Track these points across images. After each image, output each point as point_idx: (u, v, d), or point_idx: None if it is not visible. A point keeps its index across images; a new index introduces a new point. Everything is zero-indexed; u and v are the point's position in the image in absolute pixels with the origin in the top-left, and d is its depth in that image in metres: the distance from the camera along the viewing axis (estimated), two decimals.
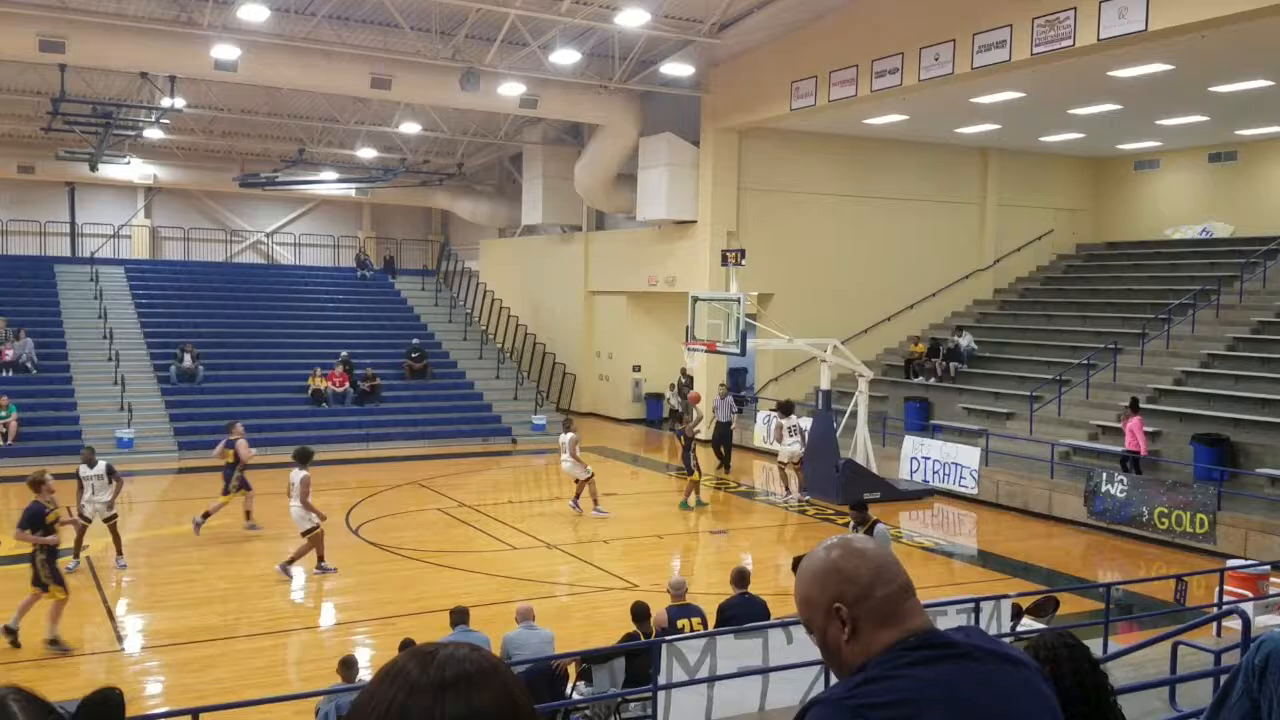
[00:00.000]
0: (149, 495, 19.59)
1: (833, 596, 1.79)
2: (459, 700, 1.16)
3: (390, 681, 1.19)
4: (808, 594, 1.84)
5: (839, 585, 1.80)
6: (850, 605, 1.78)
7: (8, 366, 22.83)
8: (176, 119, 25.51)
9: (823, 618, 1.81)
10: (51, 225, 32.89)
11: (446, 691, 1.16)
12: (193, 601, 12.02)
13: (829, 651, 1.83)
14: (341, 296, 30.89)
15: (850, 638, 1.78)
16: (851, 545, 1.87)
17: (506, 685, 1.20)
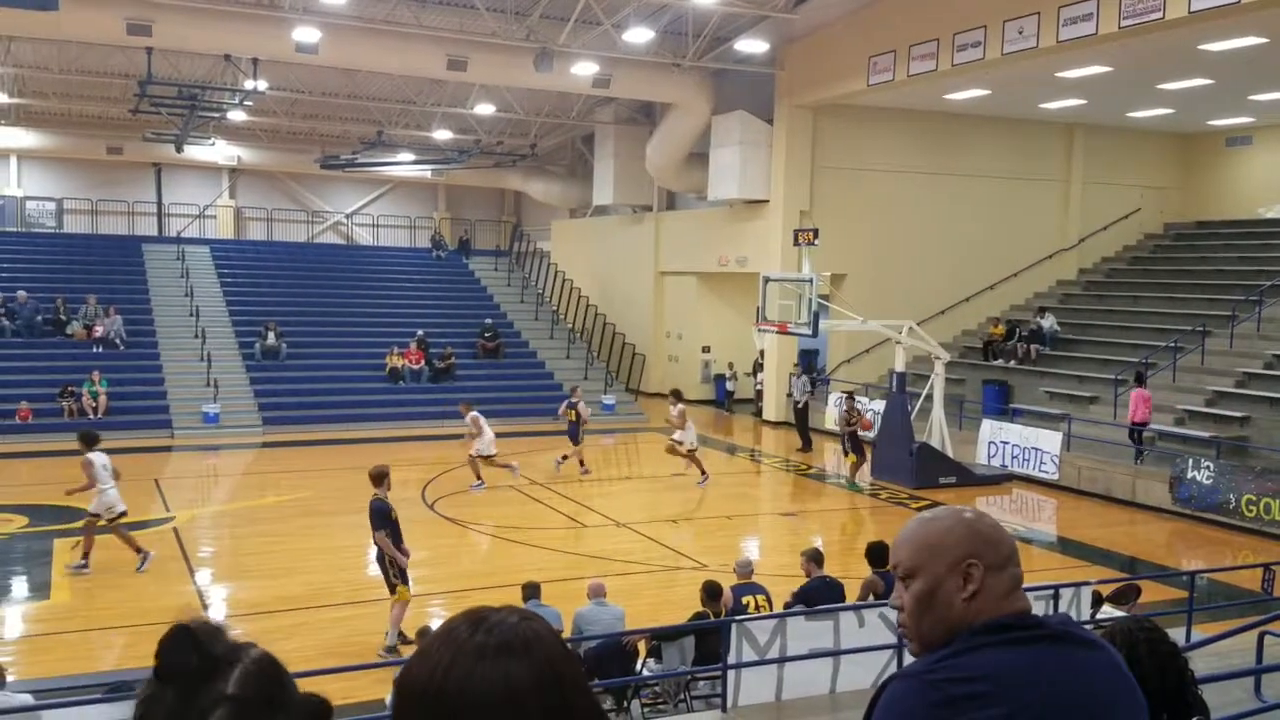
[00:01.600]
0: (234, 469, 20.20)
1: (968, 553, 1.74)
2: (497, 668, 1.16)
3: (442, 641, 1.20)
4: (935, 542, 1.77)
5: (979, 545, 1.76)
6: (988, 568, 1.74)
7: (98, 343, 23.68)
8: (259, 101, 26.07)
9: (945, 569, 1.75)
10: (139, 205, 33.94)
11: (486, 658, 1.16)
12: (275, 571, 12.38)
13: (934, 605, 1.75)
14: (418, 277, 31.36)
15: (970, 598, 1.73)
16: (988, 517, 1.85)
17: (549, 657, 1.18)
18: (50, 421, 20.63)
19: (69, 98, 27.64)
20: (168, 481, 17.61)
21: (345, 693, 8.06)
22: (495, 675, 1.15)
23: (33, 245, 29.22)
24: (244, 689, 1.17)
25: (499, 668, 1.16)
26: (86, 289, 25.09)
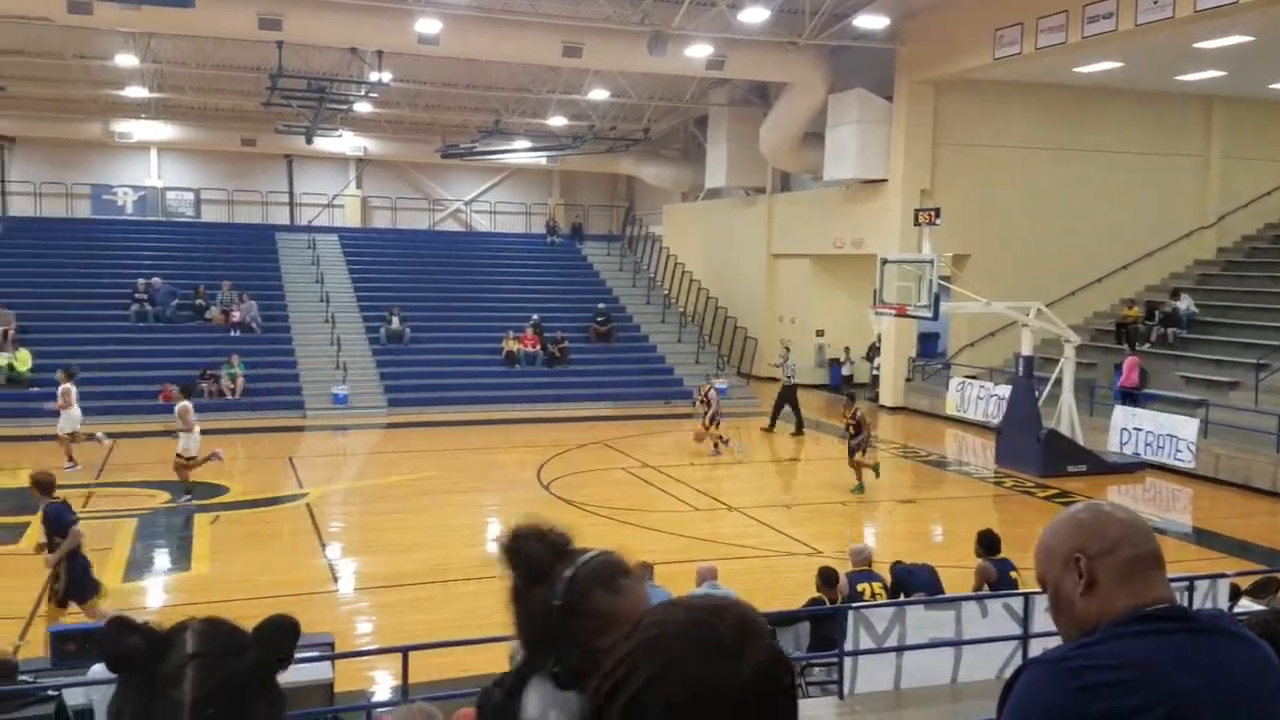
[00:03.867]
0: (361, 448, 20.94)
1: (1073, 547, 1.77)
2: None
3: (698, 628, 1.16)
4: (1047, 544, 1.83)
5: (1081, 537, 1.78)
6: (1091, 558, 1.74)
7: (235, 327, 24.83)
8: (383, 93, 26.80)
9: (1059, 568, 1.78)
10: (272, 195, 35.36)
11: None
12: (399, 547, 12.78)
13: (1060, 605, 1.79)
14: (533, 262, 31.85)
15: (1086, 591, 1.73)
16: (1100, 506, 1.86)
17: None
18: (192, 402, 21.70)
19: (205, 92, 28.96)
20: (300, 459, 18.37)
21: (464, 666, 8.28)
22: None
23: (173, 234, 30.81)
24: (203, 645, 1.24)
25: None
26: (223, 276, 26.32)
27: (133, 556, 12.10)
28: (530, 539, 1.70)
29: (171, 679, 1.22)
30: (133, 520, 13.52)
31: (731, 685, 1.09)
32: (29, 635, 9.12)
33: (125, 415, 20.56)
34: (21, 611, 9.93)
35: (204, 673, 1.22)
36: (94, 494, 15.15)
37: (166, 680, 1.22)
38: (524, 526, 1.71)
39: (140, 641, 1.25)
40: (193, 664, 1.23)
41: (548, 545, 1.68)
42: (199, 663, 1.23)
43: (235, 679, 1.24)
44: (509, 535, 1.70)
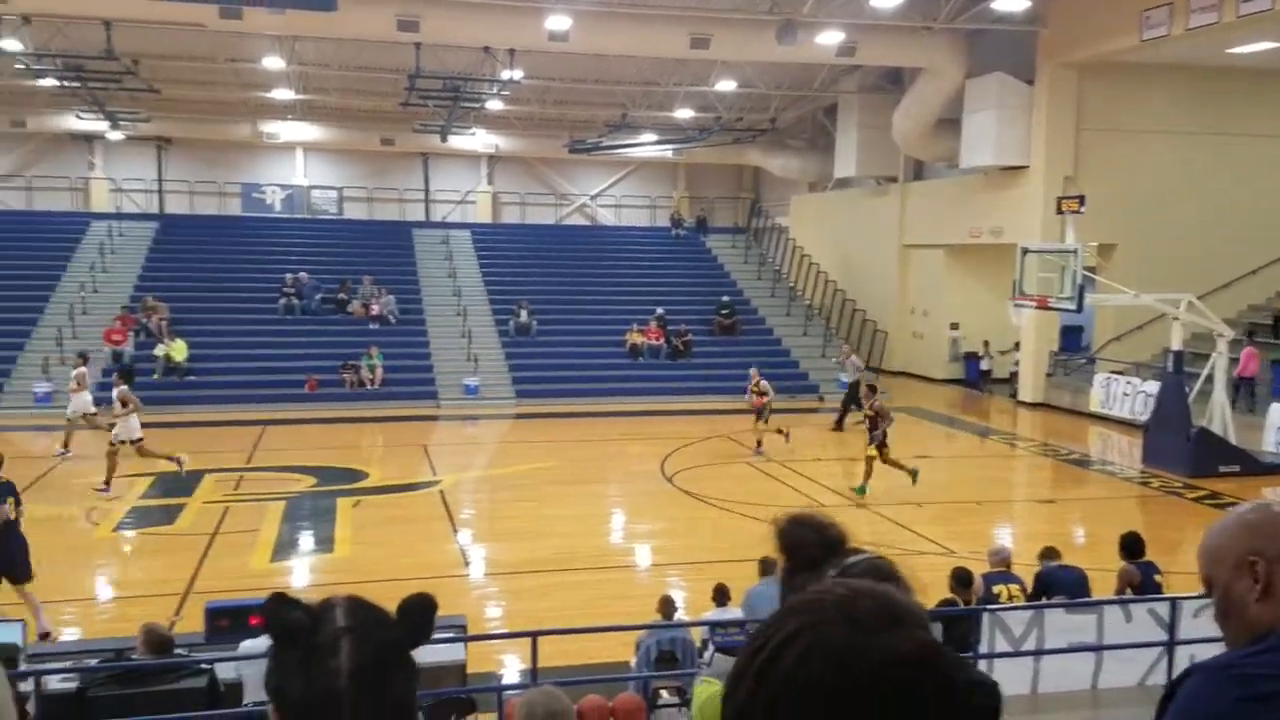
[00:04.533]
0: (490, 437, 21.45)
1: (1247, 549, 1.68)
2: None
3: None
4: (1216, 545, 1.74)
5: (1256, 539, 1.69)
6: (1271, 561, 1.65)
7: (374, 320, 25.78)
8: (514, 90, 27.32)
9: (1230, 572, 1.69)
10: (409, 193, 36.53)
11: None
12: (527, 535, 13.03)
13: (1230, 610, 1.70)
14: (657, 255, 31.98)
15: (1262, 596, 1.64)
16: (1271, 507, 1.75)
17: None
18: (333, 391, 22.71)
19: (347, 93, 30.09)
20: (434, 448, 18.93)
21: (590, 653, 8.39)
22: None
23: (317, 231, 32.19)
24: (353, 619, 1.33)
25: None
26: (364, 271, 27.36)
27: (280, 538, 12.69)
28: (804, 527, 1.71)
29: (329, 650, 1.29)
30: (280, 503, 14.18)
31: (860, 665, 1.04)
32: (184, 611, 9.66)
33: (271, 403, 21.63)
34: (177, 588, 10.54)
35: (358, 644, 1.30)
36: (244, 478, 15.96)
37: (324, 651, 1.29)
38: (801, 514, 1.72)
39: (304, 616, 1.33)
40: (347, 636, 1.30)
41: (820, 538, 1.68)
42: (353, 635, 1.31)
43: (384, 653, 1.32)
44: (784, 519, 1.73)
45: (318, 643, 1.30)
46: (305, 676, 1.29)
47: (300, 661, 1.30)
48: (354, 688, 1.28)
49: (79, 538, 12.58)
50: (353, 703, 1.27)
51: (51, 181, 33.35)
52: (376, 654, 1.31)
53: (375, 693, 1.29)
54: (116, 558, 12.29)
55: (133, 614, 9.19)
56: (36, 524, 13.07)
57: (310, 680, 1.28)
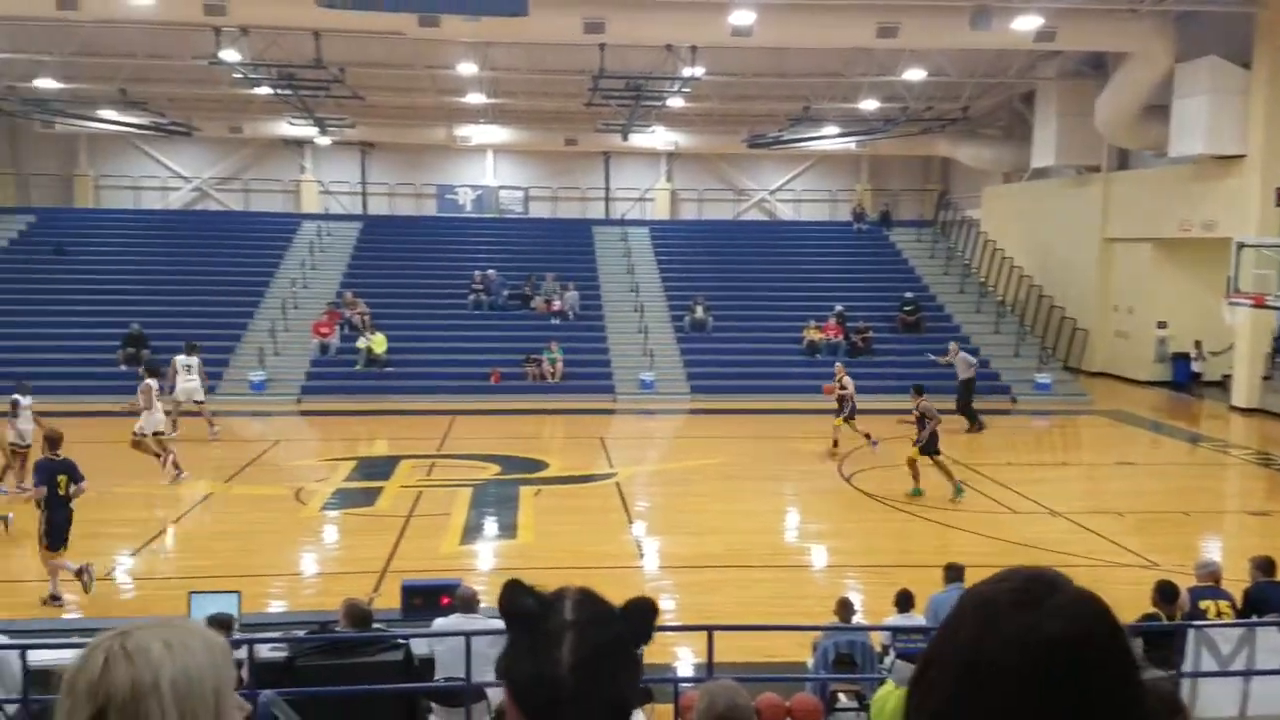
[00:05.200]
0: (665, 432, 21.64)
1: None
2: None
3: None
4: None
5: None
6: None
7: (555, 315, 26.50)
8: (695, 87, 27.44)
9: None
10: (590, 191, 37.33)
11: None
12: (700, 529, 13.07)
13: None
14: (837, 250, 31.41)
15: None
16: None
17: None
18: (516, 384, 23.50)
19: (534, 95, 31.03)
20: (611, 441, 19.28)
21: (764, 651, 8.33)
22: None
23: (504, 229, 33.37)
24: (579, 614, 1.37)
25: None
26: (547, 267, 28.17)
27: (468, 523, 13.24)
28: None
29: (553, 640, 1.35)
30: (468, 490, 14.79)
31: (1034, 637, 1.07)
32: (382, 588, 10.21)
33: (460, 394, 22.59)
34: (375, 566, 11.17)
35: (581, 638, 1.35)
36: (435, 464, 16.74)
37: (549, 640, 1.35)
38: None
39: (533, 603, 1.39)
40: (571, 629, 1.36)
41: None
42: (577, 629, 1.36)
43: (605, 648, 1.37)
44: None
45: (545, 631, 1.36)
46: (531, 661, 1.35)
47: (529, 647, 1.36)
48: (574, 679, 1.32)
49: (288, 516, 13.51)
50: (572, 693, 1.32)
51: (266, 184, 35.98)
52: (598, 649, 1.35)
53: (594, 686, 1.34)
54: (321, 536, 13.12)
55: (335, 589, 9.80)
56: (249, 502, 14.15)
57: (535, 666, 1.34)
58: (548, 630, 1.36)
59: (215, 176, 36.00)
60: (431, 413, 21.11)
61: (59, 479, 9.99)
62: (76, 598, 10.12)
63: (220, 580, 10.00)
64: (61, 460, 10.17)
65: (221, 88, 29.06)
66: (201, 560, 11.52)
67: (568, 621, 1.36)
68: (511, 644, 1.39)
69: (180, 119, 31.17)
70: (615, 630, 1.38)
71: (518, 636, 1.38)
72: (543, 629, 1.36)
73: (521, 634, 1.38)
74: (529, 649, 1.36)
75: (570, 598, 1.40)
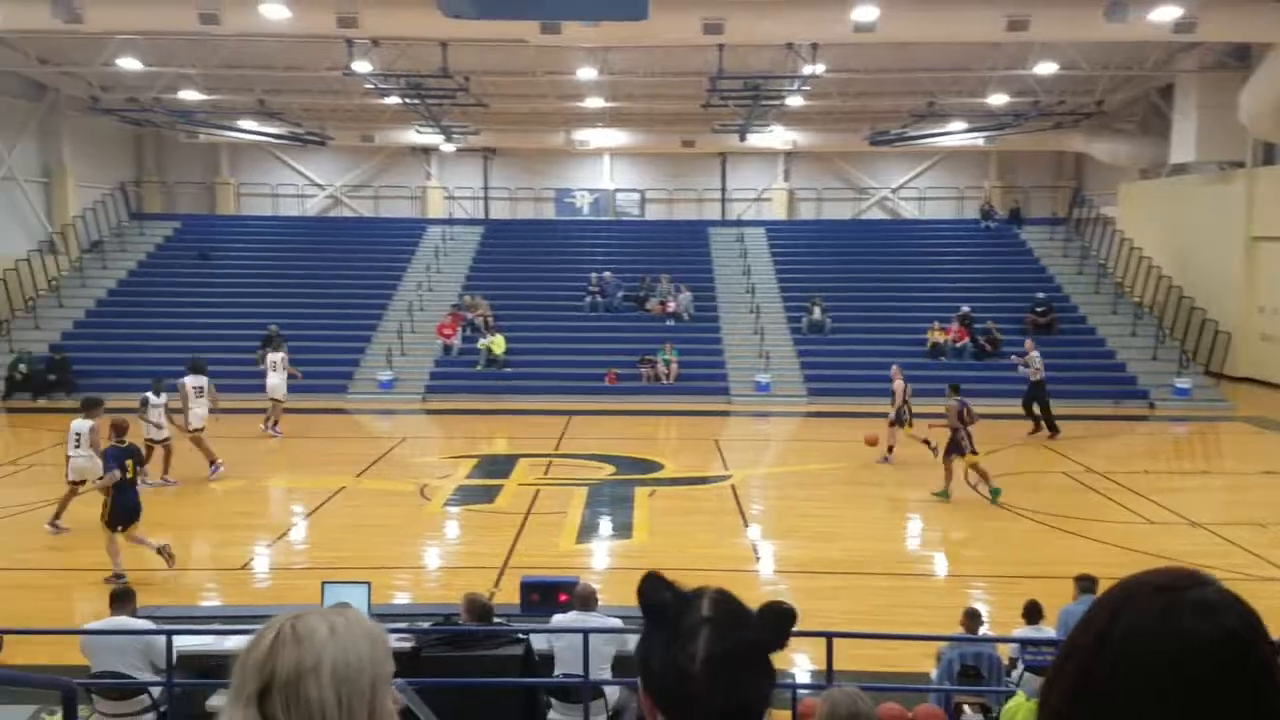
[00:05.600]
0: (781, 434, 21.45)
1: None
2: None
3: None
4: None
5: None
6: None
7: (670, 317, 26.56)
8: (815, 85, 27.12)
9: None
10: (707, 192, 37.29)
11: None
12: (818, 535, 12.89)
13: None
14: (963, 249, 30.59)
15: None
16: None
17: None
18: (631, 385, 23.66)
19: (652, 98, 31.18)
20: (726, 443, 19.22)
21: (885, 660, 8.16)
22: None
23: (620, 232, 33.65)
24: (716, 611, 1.40)
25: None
26: (662, 269, 28.28)
27: (584, 521, 13.39)
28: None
29: (689, 635, 1.38)
30: (583, 489, 14.95)
31: (1176, 627, 1.08)
32: (501, 583, 10.42)
33: (576, 394, 22.88)
34: (495, 562, 11.40)
35: (715, 636, 1.38)
36: (552, 463, 16.98)
37: (685, 635, 1.38)
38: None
39: (670, 597, 1.43)
40: (707, 625, 1.39)
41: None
42: (711, 626, 1.39)
43: (738, 649, 1.39)
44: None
45: (681, 625, 1.39)
46: (666, 654, 1.38)
47: (665, 639, 1.39)
48: (705, 674, 1.35)
49: (414, 512, 13.92)
50: (702, 688, 1.35)
51: (394, 191, 37.17)
52: (731, 649, 1.38)
53: (725, 685, 1.36)
54: (444, 531, 13.47)
55: (457, 583, 10.06)
56: (377, 497, 14.62)
57: (669, 659, 1.38)
58: (684, 625, 1.39)
59: (347, 184, 37.37)
60: (548, 412, 21.44)
61: (127, 463, 10.66)
62: (179, 576, 10.61)
63: (351, 571, 10.39)
64: (128, 446, 10.85)
65: (354, 98, 30.17)
66: (333, 552, 11.97)
67: (704, 618, 1.39)
68: (648, 635, 1.44)
69: (315, 128, 32.50)
70: (749, 632, 1.40)
71: (654, 628, 1.42)
72: (679, 623, 1.40)
73: (658, 626, 1.41)
74: (665, 641, 1.39)
75: (709, 596, 1.44)
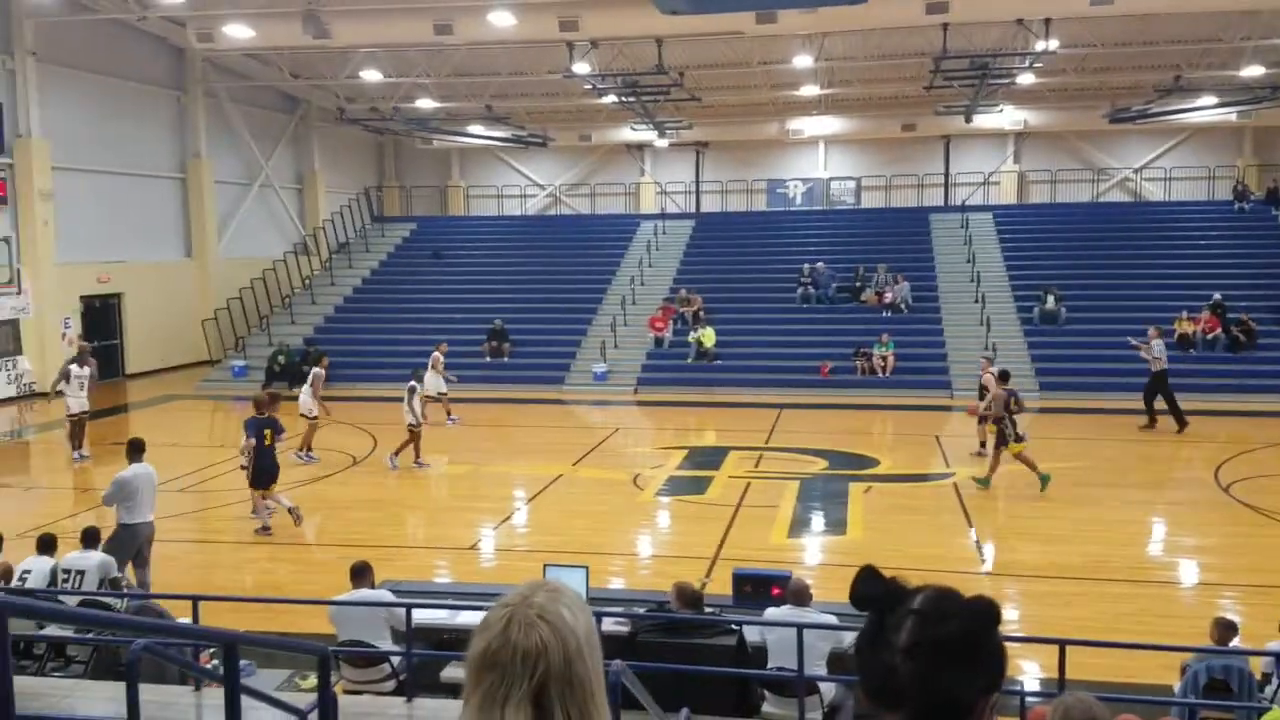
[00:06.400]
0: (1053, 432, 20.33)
1: None
2: None
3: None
4: None
5: None
6: None
7: (887, 308, 25.81)
8: (1048, 61, 25.66)
9: None
10: (928, 177, 35.99)
11: None
12: (1051, 538, 12.17)
13: None
14: (1215, 233, 28.11)
15: None
16: None
17: None
18: (845, 378, 23.17)
19: (870, 83, 30.43)
20: (947, 439, 18.48)
21: (1123, 671, 7.66)
22: None
23: (835, 221, 33.00)
24: (925, 605, 1.44)
25: None
26: (878, 258, 27.53)
27: (795, 516, 13.24)
28: None
29: (894, 626, 1.43)
30: (795, 483, 14.79)
31: None
32: (713, 574, 10.47)
33: (787, 387, 22.64)
34: (705, 552, 11.47)
35: (918, 627, 1.42)
36: (763, 457, 16.91)
37: (890, 627, 1.44)
38: None
39: (878, 589, 1.48)
40: (912, 617, 1.43)
41: None
42: (916, 618, 1.43)
43: (941, 640, 1.41)
44: None
45: (889, 619, 1.44)
46: (872, 643, 1.45)
47: (875, 630, 1.45)
48: (906, 665, 1.40)
49: (627, 500, 14.22)
50: (903, 679, 1.39)
51: (609, 188, 38.12)
52: (933, 640, 1.41)
53: (926, 677, 1.39)
54: (656, 520, 13.69)
55: (668, 571, 10.18)
56: (593, 485, 15.04)
57: (876, 648, 1.44)
58: (893, 617, 1.44)
59: (566, 183, 38.66)
60: (759, 405, 21.34)
61: (265, 432, 12.26)
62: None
63: (569, 555, 10.74)
64: (267, 418, 12.44)
65: (572, 99, 31.16)
66: (552, 536, 12.43)
67: (912, 610, 1.44)
68: (864, 625, 1.49)
69: (537, 131, 33.81)
70: (954, 626, 1.42)
71: (868, 620, 1.47)
72: (890, 616, 1.45)
73: (872, 618, 1.47)
74: (873, 633, 1.45)
75: (924, 592, 1.48)
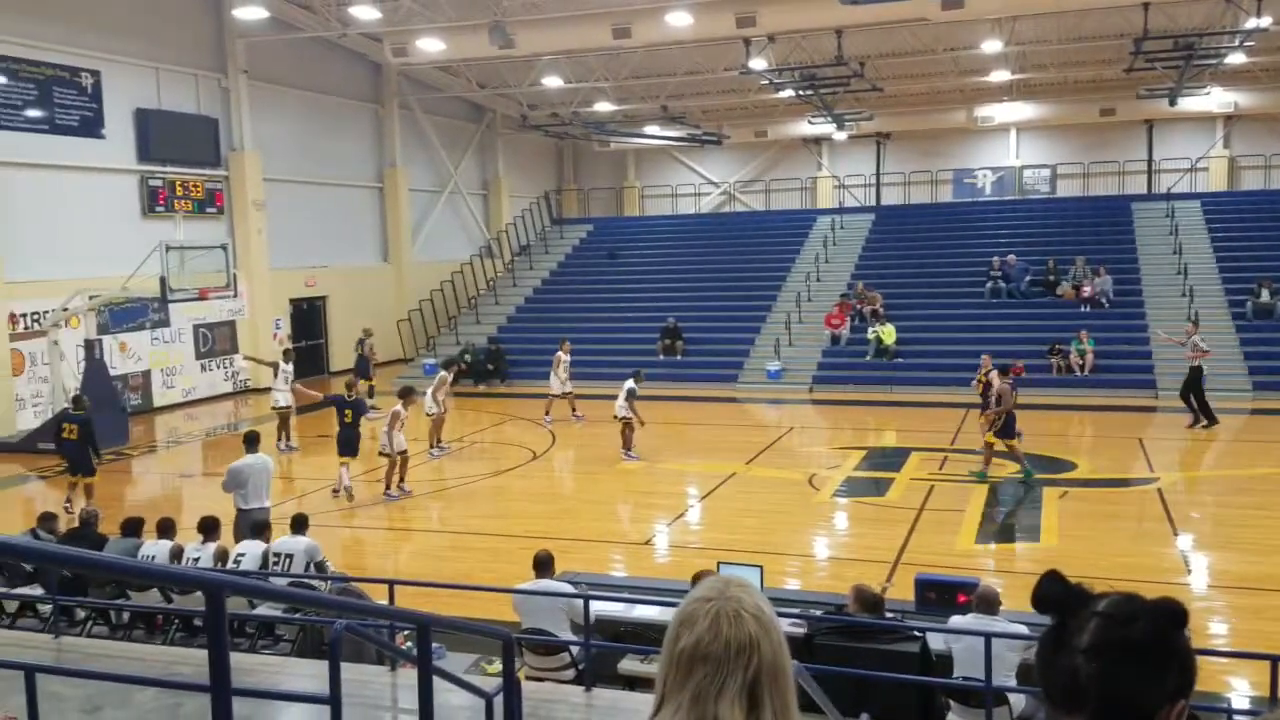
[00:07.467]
0: (1219, 434, 18.93)
1: None
2: None
3: None
4: None
5: None
6: None
7: (1085, 302, 24.40)
8: (1261, 40, 23.66)
9: None
10: (1129, 164, 33.82)
11: None
12: (1265, 548, 11.26)
13: None
14: None
15: None
16: None
17: None
18: (1040, 377, 22.02)
19: (1065, 66, 28.87)
20: (1151, 442, 17.36)
21: None
22: None
23: (1027, 211, 31.47)
24: (1110, 607, 1.42)
25: None
26: (1075, 250, 26.11)
27: (984, 520, 12.73)
28: None
29: (1077, 629, 1.42)
30: (983, 487, 14.22)
31: None
32: (894, 578, 10.19)
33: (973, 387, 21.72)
34: (886, 556, 11.18)
35: (1101, 629, 1.40)
36: (948, 458, 16.33)
37: (1073, 630, 1.43)
38: None
39: (1059, 591, 1.46)
40: (1096, 619, 1.42)
41: None
42: (1100, 619, 1.42)
43: (1122, 641, 1.39)
44: None
45: (1073, 621, 1.43)
46: (1054, 646, 1.43)
47: (1056, 635, 1.44)
48: (1088, 666, 1.38)
49: (802, 500, 14.03)
50: (1087, 680, 1.38)
51: (785, 183, 37.69)
52: (1113, 640, 1.39)
53: (1108, 677, 1.37)
54: (833, 522, 13.45)
55: (846, 574, 9.99)
56: (767, 484, 14.92)
57: (1058, 650, 1.43)
58: (1076, 619, 1.43)
59: (740, 180, 38.51)
60: (943, 405, 20.61)
61: (345, 412, 14.41)
62: None
63: (742, 554, 10.72)
64: (352, 400, 14.65)
65: (748, 95, 31.00)
66: (726, 534, 12.42)
67: (1095, 612, 1.42)
68: (1045, 629, 1.47)
69: (712, 129, 33.83)
70: (1139, 626, 1.40)
71: (1051, 623, 1.45)
72: (1073, 618, 1.43)
73: (1054, 620, 1.45)
74: (1057, 634, 1.43)
75: (1112, 595, 1.45)
